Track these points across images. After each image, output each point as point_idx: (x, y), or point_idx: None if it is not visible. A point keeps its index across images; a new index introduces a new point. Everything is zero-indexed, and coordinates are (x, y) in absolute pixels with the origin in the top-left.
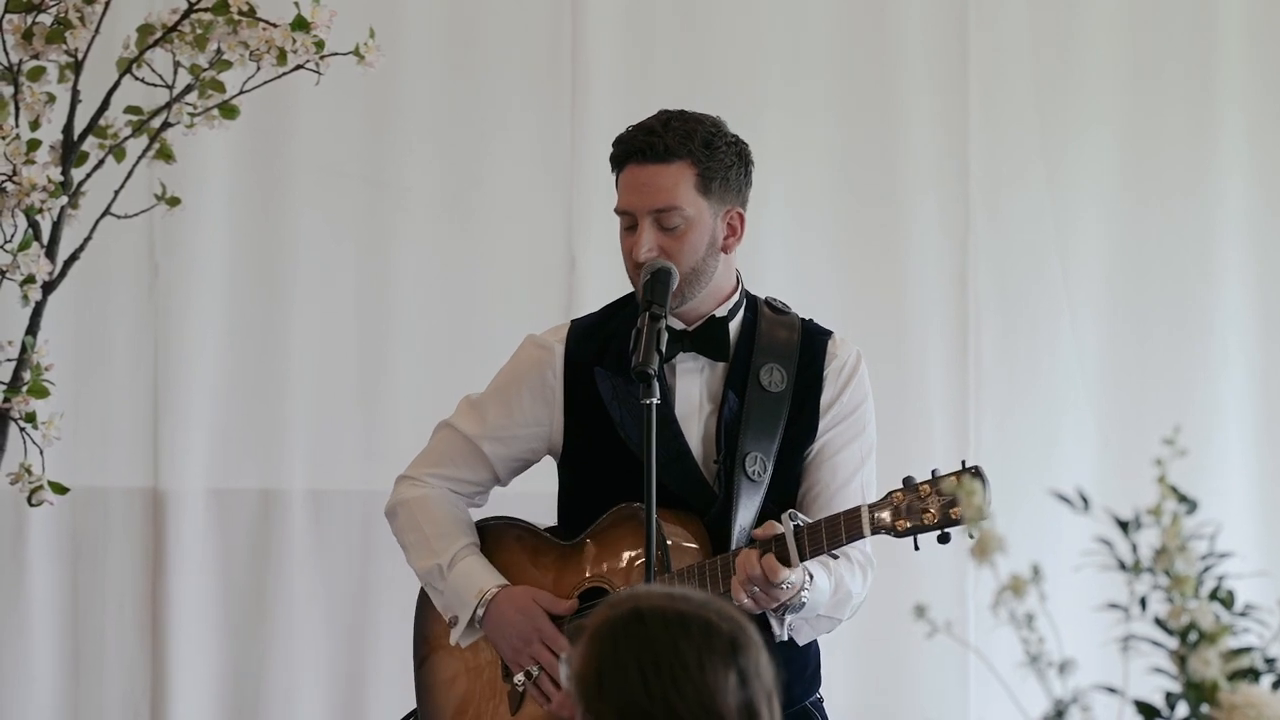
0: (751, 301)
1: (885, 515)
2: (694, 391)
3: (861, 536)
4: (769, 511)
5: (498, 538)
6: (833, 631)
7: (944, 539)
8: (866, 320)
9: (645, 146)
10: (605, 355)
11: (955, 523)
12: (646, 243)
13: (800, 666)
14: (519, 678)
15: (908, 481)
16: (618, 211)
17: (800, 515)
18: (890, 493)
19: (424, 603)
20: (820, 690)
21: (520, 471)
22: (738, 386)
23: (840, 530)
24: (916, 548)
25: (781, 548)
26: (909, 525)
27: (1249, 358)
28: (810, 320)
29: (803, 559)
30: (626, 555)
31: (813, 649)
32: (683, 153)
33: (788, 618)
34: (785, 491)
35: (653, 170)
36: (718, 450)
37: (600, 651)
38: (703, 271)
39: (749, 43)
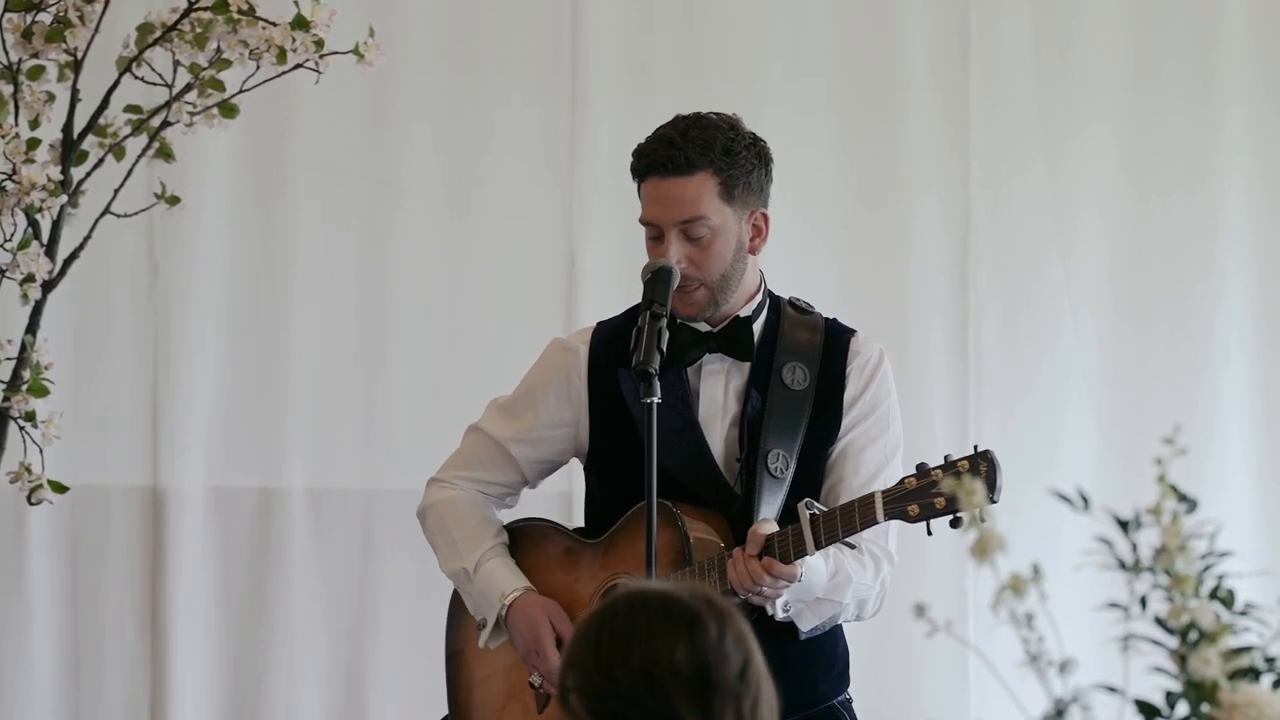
0: (775, 301)
1: (898, 501)
2: (718, 394)
3: (876, 522)
4: (792, 509)
5: (529, 537)
6: (844, 621)
7: (956, 524)
8: (867, 318)
9: (666, 160)
10: (628, 357)
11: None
12: (674, 254)
13: (827, 665)
14: (533, 679)
15: (921, 468)
16: (643, 223)
17: (816, 504)
18: (904, 479)
19: (455, 602)
20: (849, 690)
21: (549, 473)
22: (760, 385)
23: (855, 517)
24: (929, 533)
25: (798, 536)
26: (919, 510)
27: (1249, 355)
28: (834, 320)
29: (818, 547)
30: (643, 555)
31: (840, 648)
32: (704, 163)
33: (795, 605)
34: (808, 489)
35: (675, 183)
36: (740, 449)
37: (579, 633)
38: (732, 276)
39: (750, 40)
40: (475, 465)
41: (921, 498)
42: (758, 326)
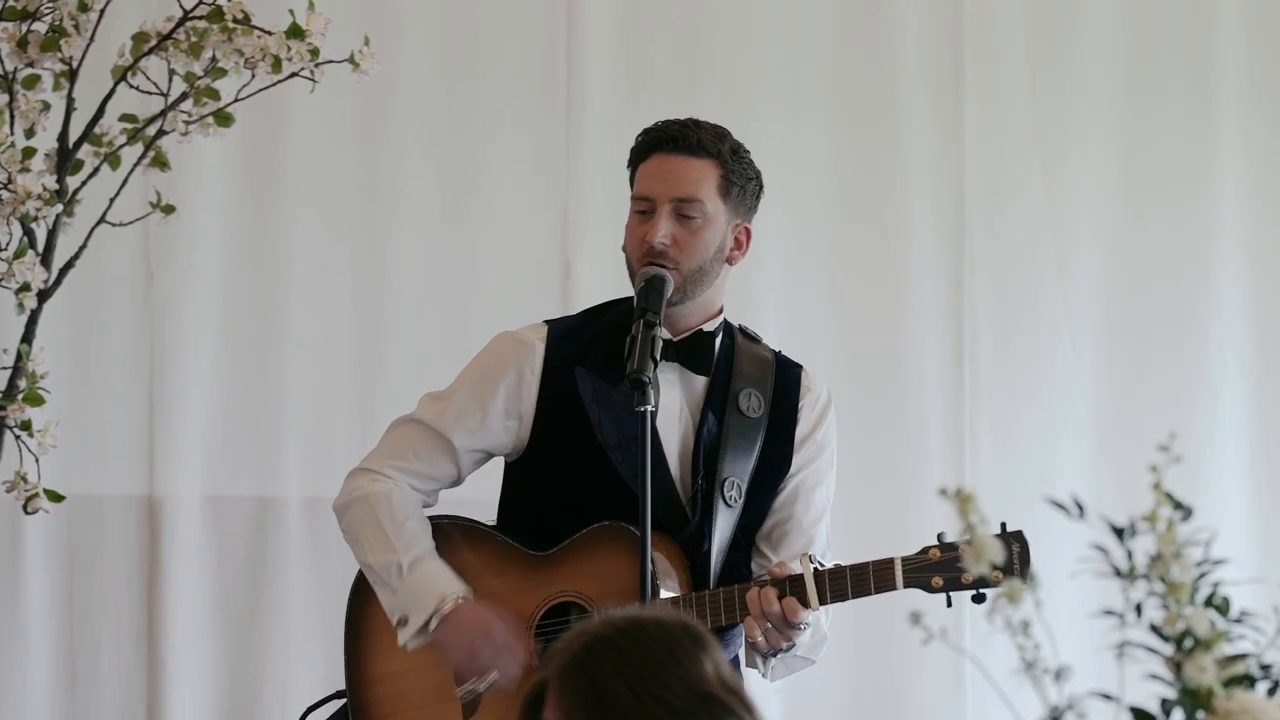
0: (728, 326)
1: (922, 571)
2: (674, 403)
3: (893, 589)
4: (737, 539)
5: (451, 537)
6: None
7: (979, 599)
8: (863, 332)
9: (678, 136)
10: (588, 356)
11: (994, 583)
12: (663, 229)
13: None
14: (470, 684)
15: (942, 538)
16: (635, 198)
17: (818, 559)
18: (928, 548)
19: (360, 590)
20: None
21: (482, 464)
22: (717, 408)
23: (869, 579)
24: (949, 604)
25: (799, 589)
26: (943, 583)
27: (1244, 366)
28: (779, 352)
29: (823, 603)
30: (605, 572)
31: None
32: (713, 151)
33: (773, 660)
34: (751, 519)
35: (681, 160)
36: (694, 470)
37: (577, 690)
38: (706, 274)
39: (745, 55)
40: (409, 455)
41: (946, 571)
42: (718, 344)
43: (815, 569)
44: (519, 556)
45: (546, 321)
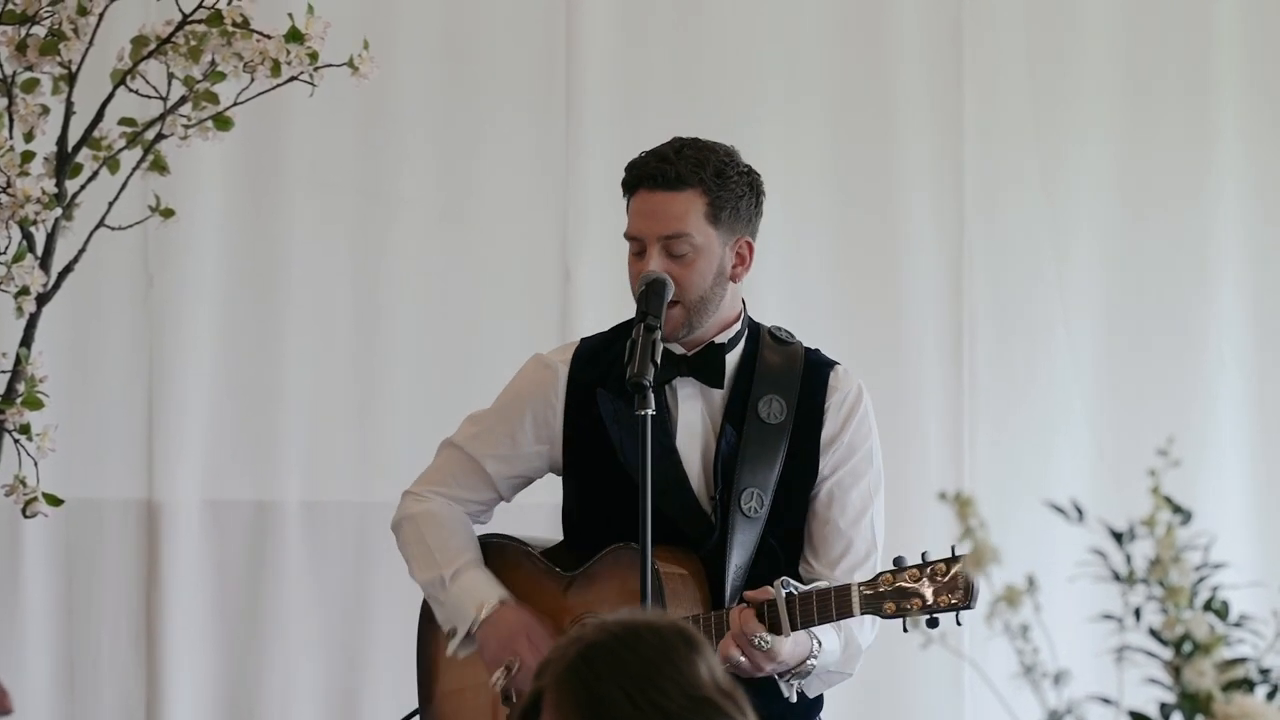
0: (754, 331)
1: (875, 598)
2: (695, 418)
3: (851, 615)
4: (768, 547)
5: (495, 556)
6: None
7: (932, 624)
8: (862, 331)
9: (657, 173)
10: (609, 377)
11: (942, 609)
12: (654, 269)
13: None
14: (497, 674)
15: (898, 563)
16: (627, 237)
17: (793, 583)
18: (880, 574)
19: (427, 611)
20: (822, 714)
21: (523, 488)
22: (735, 419)
23: (831, 605)
24: (905, 629)
25: (774, 614)
26: (895, 609)
27: (1244, 367)
28: (815, 350)
29: (794, 628)
30: (623, 593)
31: None
32: (694, 181)
33: (795, 682)
34: (785, 526)
35: (663, 197)
36: (715, 483)
37: (574, 698)
38: (710, 300)
39: (744, 54)
40: (450, 481)
41: (899, 598)
42: (733, 356)
43: (789, 594)
44: (549, 577)
45: (581, 340)
